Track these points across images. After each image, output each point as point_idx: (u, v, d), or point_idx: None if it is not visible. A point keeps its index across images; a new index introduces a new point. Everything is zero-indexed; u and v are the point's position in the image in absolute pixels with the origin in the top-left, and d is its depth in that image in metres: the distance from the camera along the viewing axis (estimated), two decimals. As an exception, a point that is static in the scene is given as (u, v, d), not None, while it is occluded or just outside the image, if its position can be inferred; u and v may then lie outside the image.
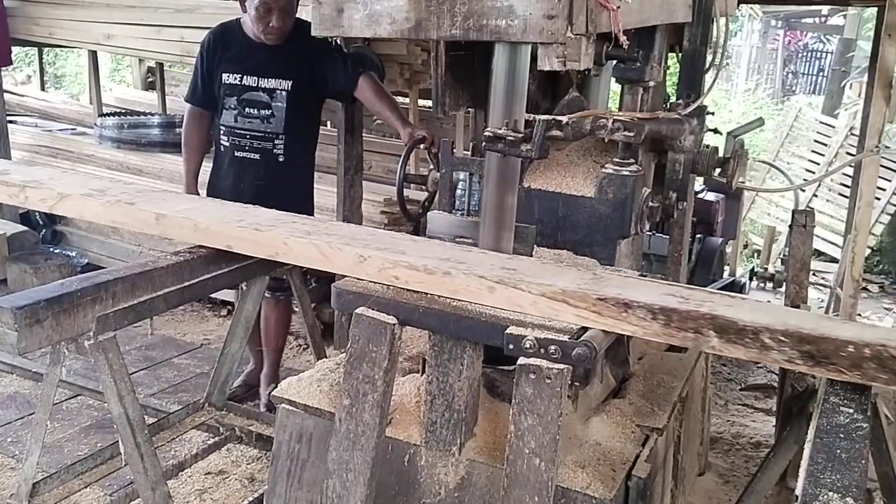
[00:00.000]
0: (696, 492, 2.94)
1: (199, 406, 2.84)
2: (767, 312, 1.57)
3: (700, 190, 4.96)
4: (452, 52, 2.25)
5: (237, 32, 3.35)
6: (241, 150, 3.36)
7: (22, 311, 1.83)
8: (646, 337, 1.59)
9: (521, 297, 1.66)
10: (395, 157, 4.56)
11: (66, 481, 2.44)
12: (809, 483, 1.26)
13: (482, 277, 1.68)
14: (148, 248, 4.97)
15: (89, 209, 2.19)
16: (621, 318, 1.59)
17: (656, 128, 2.12)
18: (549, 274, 1.74)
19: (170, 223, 2.09)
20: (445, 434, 1.81)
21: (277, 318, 3.65)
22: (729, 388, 4.31)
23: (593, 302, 1.60)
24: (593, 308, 1.60)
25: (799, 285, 2.94)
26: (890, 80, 2.86)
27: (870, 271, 6.95)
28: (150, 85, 8.03)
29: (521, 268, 1.77)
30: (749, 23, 14.94)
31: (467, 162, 2.55)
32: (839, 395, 1.54)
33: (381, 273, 1.78)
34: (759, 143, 9.50)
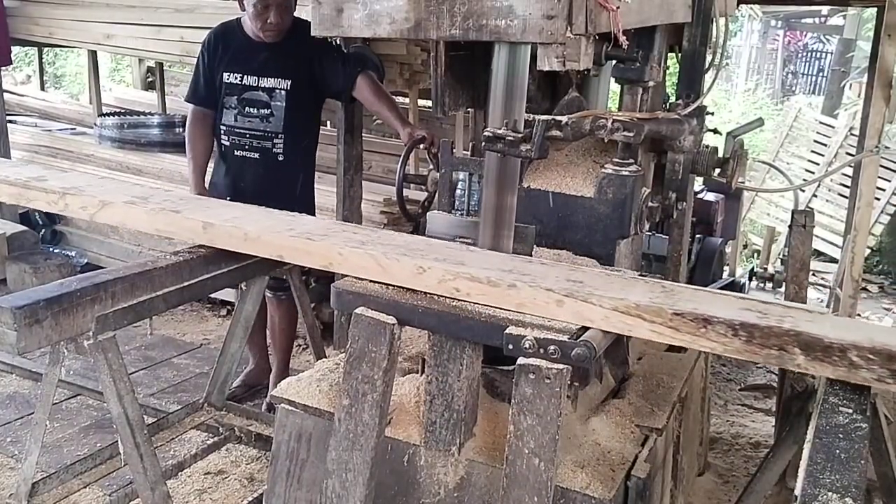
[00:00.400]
0: (695, 492, 2.94)
1: (198, 406, 2.84)
2: (850, 328, 1.53)
3: (700, 190, 4.96)
4: (452, 52, 2.25)
5: (237, 32, 3.36)
6: (241, 149, 3.37)
7: (21, 310, 1.83)
8: (725, 354, 1.54)
9: (591, 311, 1.60)
10: (395, 157, 4.56)
11: (66, 481, 2.44)
12: (809, 483, 1.26)
13: (550, 290, 1.63)
14: (147, 248, 4.97)
15: (133, 217, 2.15)
16: (699, 335, 1.53)
17: (656, 128, 2.12)
18: (617, 286, 1.68)
19: (218, 232, 2.03)
20: (445, 434, 1.81)
21: (282, 318, 3.65)
22: (728, 389, 4.31)
23: (669, 317, 1.55)
24: (670, 323, 1.55)
25: (798, 285, 2.94)
26: (889, 80, 2.87)
27: (869, 271, 6.95)
28: (149, 85, 8.03)
29: (588, 280, 1.72)
30: (749, 23, 14.94)
31: (467, 162, 2.55)
32: (838, 395, 1.54)
33: (440, 285, 1.73)
34: (759, 144, 9.50)
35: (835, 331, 1.48)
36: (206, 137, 3.47)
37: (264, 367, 3.88)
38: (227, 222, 2.04)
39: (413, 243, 1.94)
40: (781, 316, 1.55)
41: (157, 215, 2.11)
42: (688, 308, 1.55)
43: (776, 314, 1.56)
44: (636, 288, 1.69)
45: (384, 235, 2.02)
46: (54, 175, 2.46)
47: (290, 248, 1.93)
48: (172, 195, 2.34)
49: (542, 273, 1.75)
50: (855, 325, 1.67)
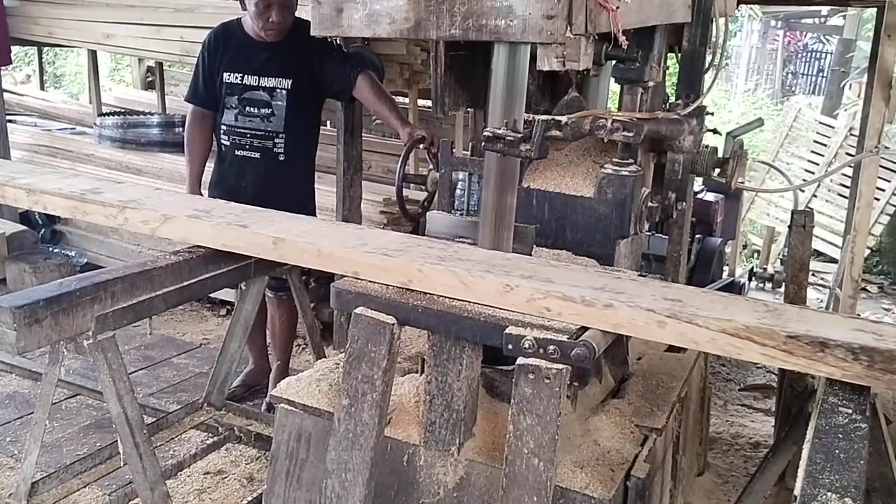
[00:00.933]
0: (695, 492, 2.94)
1: (197, 406, 2.84)
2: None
3: (699, 190, 4.96)
4: (452, 52, 2.25)
5: (238, 32, 3.36)
6: (242, 149, 3.37)
7: (21, 310, 1.83)
8: (843, 379, 1.48)
9: (696, 332, 1.53)
10: (395, 156, 4.56)
11: (65, 481, 2.44)
12: (808, 483, 1.26)
13: (650, 311, 1.56)
14: (147, 247, 4.97)
15: (198, 232, 2.08)
16: (816, 359, 1.47)
17: (655, 128, 2.12)
18: (719, 306, 1.61)
19: (289, 248, 1.95)
20: (444, 434, 1.81)
21: (282, 318, 3.66)
22: (728, 389, 4.31)
23: (783, 340, 1.48)
24: (783, 347, 1.48)
25: (798, 286, 2.94)
26: (889, 80, 2.87)
27: (869, 272, 6.95)
28: (149, 84, 8.03)
29: (686, 298, 1.65)
30: (748, 23, 14.94)
31: (467, 162, 2.55)
32: (838, 395, 1.54)
33: (529, 304, 1.66)
34: (759, 144, 9.50)
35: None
36: (205, 138, 3.47)
37: (264, 366, 3.88)
38: (298, 237, 1.95)
39: (493, 258, 1.86)
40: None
41: (223, 230, 2.04)
42: (801, 330, 1.49)
43: (891, 335, 1.49)
44: (739, 307, 1.61)
45: (460, 250, 1.93)
46: (108, 187, 2.39)
47: (366, 264, 1.84)
48: (234, 207, 2.27)
49: (636, 290, 1.68)
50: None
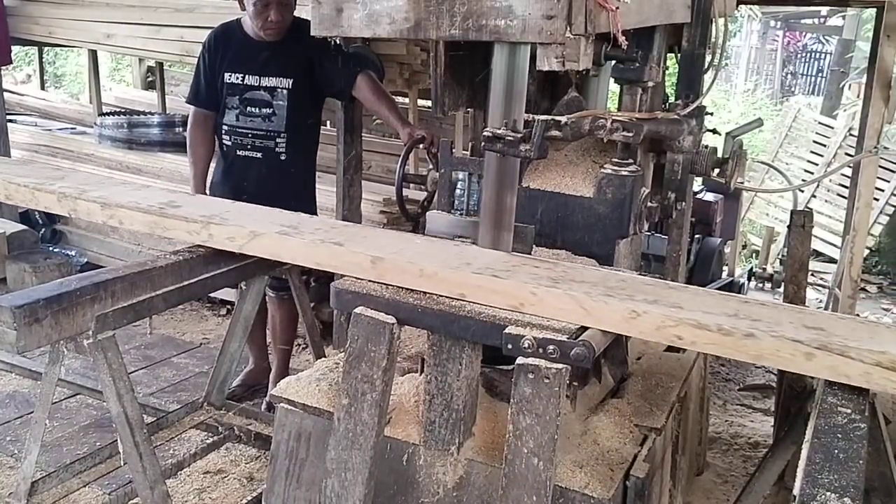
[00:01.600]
0: (694, 491, 2.95)
1: (197, 405, 2.84)
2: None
3: (699, 190, 4.96)
4: (452, 52, 2.26)
5: (238, 32, 3.37)
6: (244, 148, 3.38)
7: (21, 309, 1.84)
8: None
9: (848, 366, 1.47)
10: (395, 156, 4.56)
11: (65, 480, 2.44)
12: (807, 483, 1.26)
13: (797, 342, 1.49)
14: (147, 247, 4.98)
15: (289, 250, 1.98)
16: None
17: (655, 128, 2.12)
18: (866, 334, 1.54)
19: (389, 268, 1.83)
20: (444, 433, 1.82)
21: (283, 317, 3.66)
22: (727, 389, 4.31)
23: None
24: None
25: (797, 286, 2.94)
26: (889, 80, 2.87)
27: (868, 272, 6.96)
28: (149, 84, 8.03)
29: (828, 325, 1.57)
30: (748, 23, 14.94)
31: (466, 162, 2.55)
32: (837, 395, 1.54)
33: (658, 331, 1.59)
34: (758, 144, 9.50)
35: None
36: (207, 139, 3.47)
37: (264, 366, 3.89)
38: (397, 255, 1.85)
39: (607, 279, 1.78)
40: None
41: (317, 248, 1.93)
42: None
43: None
44: (885, 336, 1.53)
45: (571, 270, 1.84)
46: (185, 199, 2.33)
47: (474, 286, 1.74)
48: (323, 222, 2.17)
49: (773, 317, 1.60)
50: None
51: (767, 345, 1.50)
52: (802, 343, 1.49)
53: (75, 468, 2.49)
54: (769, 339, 1.50)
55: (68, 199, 2.23)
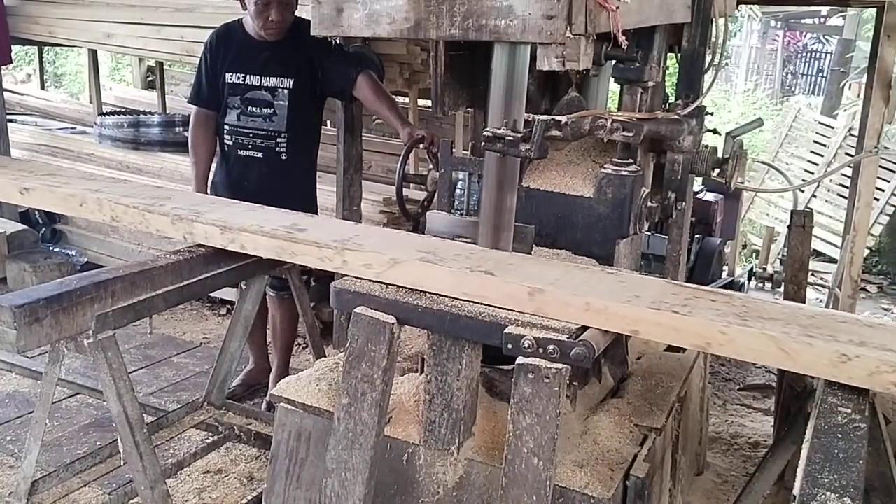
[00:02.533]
0: (694, 491, 2.95)
1: (198, 405, 2.84)
2: None
3: (699, 190, 4.97)
4: (452, 51, 2.26)
5: (239, 32, 3.37)
6: (245, 148, 3.39)
7: (21, 309, 1.84)
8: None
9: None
10: (395, 156, 4.56)
11: (65, 480, 2.44)
12: (807, 483, 1.26)
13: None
14: (147, 246, 4.98)
15: (434, 279, 1.81)
16: None
17: (655, 128, 2.12)
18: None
19: (549, 300, 1.69)
20: (444, 433, 1.82)
21: (284, 317, 3.66)
22: (727, 388, 4.31)
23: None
24: None
25: (797, 286, 2.94)
26: (889, 80, 2.87)
27: (868, 272, 6.96)
28: (149, 84, 8.03)
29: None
30: (748, 23, 14.94)
31: (466, 162, 2.55)
32: (837, 395, 1.54)
33: (872, 377, 1.48)
34: (758, 144, 9.50)
35: None
36: (209, 139, 3.48)
37: (264, 366, 3.89)
38: (558, 287, 1.71)
39: (796, 315, 1.65)
40: None
41: (466, 278, 1.77)
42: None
43: None
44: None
45: (753, 304, 1.71)
46: (307, 221, 2.18)
47: (651, 322, 1.62)
48: (461, 247, 2.00)
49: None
50: None
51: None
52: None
53: (75, 468, 2.49)
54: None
55: (184, 222, 2.10)
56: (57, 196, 2.32)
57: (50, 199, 2.35)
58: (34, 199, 2.39)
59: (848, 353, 1.48)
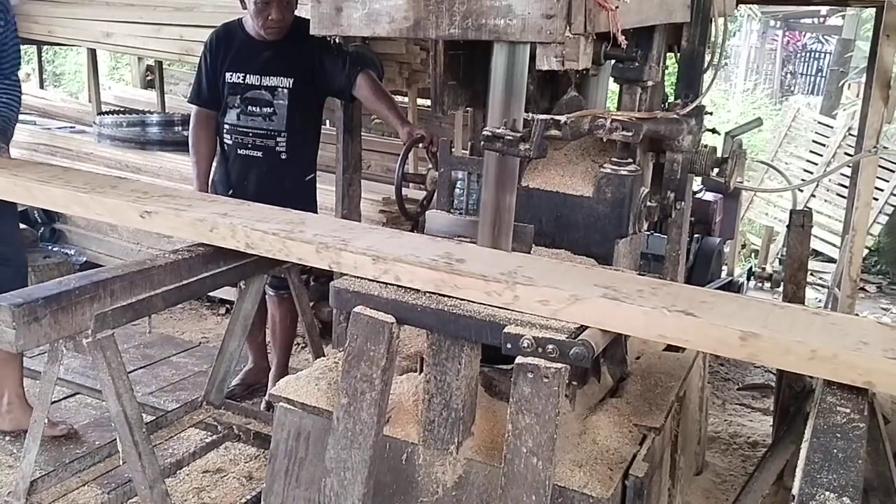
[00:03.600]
0: (693, 491, 2.95)
1: (197, 404, 2.84)
2: None
3: (698, 190, 4.97)
4: (451, 51, 2.25)
5: (239, 32, 3.38)
6: (244, 147, 3.39)
7: (20, 308, 1.84)
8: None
9: None
10: (394, 156, 4.56)
11: (64, 479, 2.44)
12: (806, 482, 1.27)
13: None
14: (146, 246, 4.97)
15: (624, 319, 1.66)
16: None
17: (654, 127, 2.12)
18: None
19: (766, 346, 1.55)
20: (443, 433, 1.82)
21: (283, 316, 3.66)
22: (726, 388, 4.32)
23: None
24: None
25: (796, 285, 2.94)
26: (888, 80, 2.87)
27: (867, 271, 6.96)
28: (149, 83, 8.03)
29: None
30: (748, 23, 14.95)
31: (466, 161, 2.55)
32: (836, 395, 1.54)
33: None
34: (758, 144, 9.50)
35: None
36: (209, 138, 3.48)
37: (263, 365, 3.89)
38: (774, 331, 1.56)
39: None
40: None
41: (663, 319, 1.61)
42: None
43: None
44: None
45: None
46: (462, 250, 1.96)
47: (891, 373, 1.48)
48: (640, 281, 1.86)
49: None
50: None
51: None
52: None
53: (74, 467, 2.49)
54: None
55: (330, 251, 1.93)
56: (183, 221, 2.18)
57: (175, 223, 2.20)
58: (157, 224, 2.24)
59: None
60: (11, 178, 2.48)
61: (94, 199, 2.31)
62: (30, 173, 2.54)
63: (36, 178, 2.46)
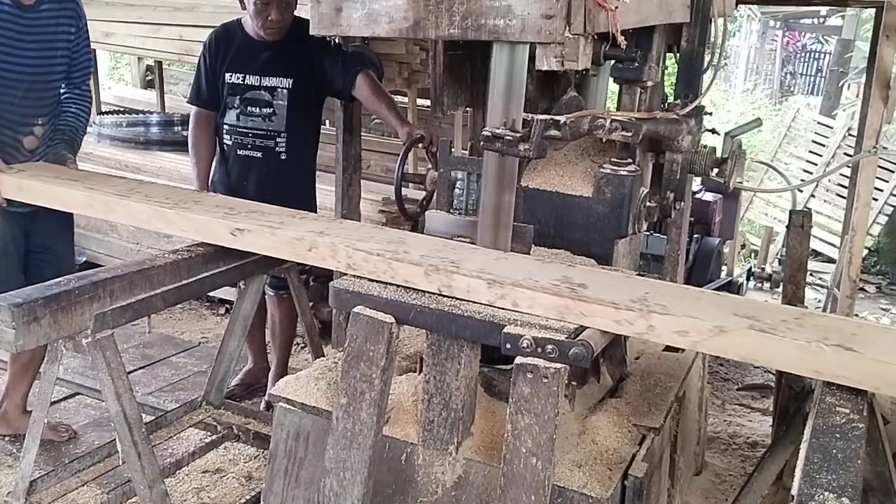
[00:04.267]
0: (692, 491, 2.95)
1: (196, 404, 2.84)
2: None
3: (698, 190, 4.97)
4: (451, 51, 2.26)
5: (238, 32, 3.37)
6: (244, 148, 3.38)
7: (20, 308, 1.84)
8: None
9: None
10: (394, 156, 4.56)
11: (64, 479, 2.44)
12: (805, 483, 1.27)
13: None
14: (146, 246, 4.97)
15: (774, 352, 1.57)
16: None
17: (654, 128, 2.12)
18: None
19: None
20: (443, 433, 1.82)
21: (283, 316, 3.66)
22: (726, 388, 4.31)
23: None
24: None
25: (796, 286, 2.94)
26: (887, 80, 2.87)
27: (867, 272, 6.96)
28: (148, 83, 8.03)
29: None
30: (747, 23, 14.95)
31: (465, 161, 2.55)
32: (835, 395, 1.54)
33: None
34: (757, 144, 9.51)
35: None
36: (209, 139, 3.48)
37: (263, 365, 3.89)
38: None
39: None
40: None
41: (822, 354, 1.53)
42: None
43: None
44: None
45: None
46: (586, 276, 1.86)
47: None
48: (782, 310, 1.76)
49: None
50: None
51: None
52: None
53: (74, 467, 2.49)
54: None
55: (440, 274, 1.81)
56: (279, 239, 2.08)
57: (270, 242, 2.10)
58: (249, 242, 2.15)
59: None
60: (88, 191, 2.38)
61: (181, 216, 2.24)
62: (105, 186, 2.45)
63: (114, 193, 2.37)
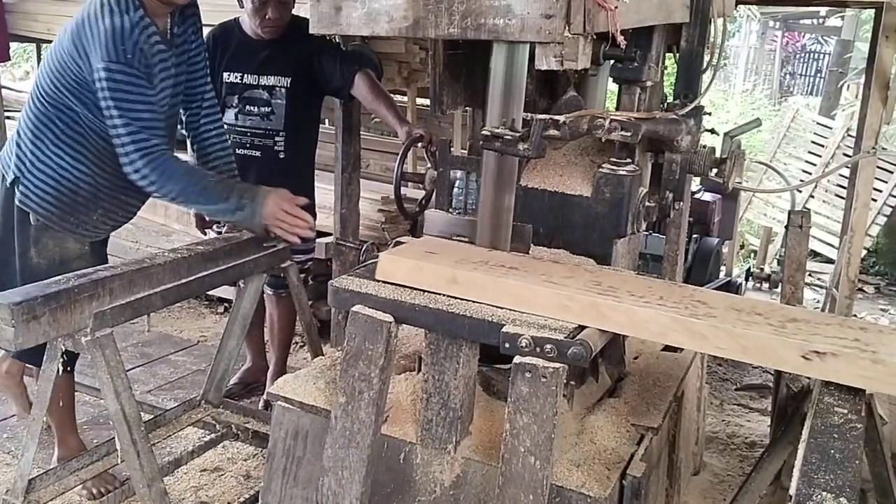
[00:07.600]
0: (690, 491, 2.95)
1: (195, 403, 2.84)
2: None
3: (697, 190, 4.97)
4: (450, 50, 2.26)
5: (236, 31, 3.37)
6: (243, 147, 3.38)
7: (19, 306, 1.84)
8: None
9: None
10: (393, 155, 4.55)
11: (62, 478, 2.44)
12: (803, 483, 1.27)
13: None
14: (145, 245, 4.97)
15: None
16: None
17: (653, 128, 2.12)
18: None
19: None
20: (441, 432, 1.82)
21: (282, 315, 3.66)
22: (724, 388, 4.32)
23: None
24: None
25: (795, 286, 2.94)
26: (887, 81, 2.87)
27: (866, 272, 6.96)
28: (147, 82, 8.01)
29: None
30: (747, 24, 14.96)
31: (465, 161, 2.55)
32: (834, 395, 1.54)
33: None
34: (756, 144, 9.50)
35: None
36: None
37: (261, 364, 3.89)
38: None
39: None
40: None
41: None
42: None
43: None
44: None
45: None
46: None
47: None
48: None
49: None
50: None
51: None
52: None
53: (72, 465, 2.49)
54: None
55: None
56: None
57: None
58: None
59: None
60: (556, 288, 1.69)
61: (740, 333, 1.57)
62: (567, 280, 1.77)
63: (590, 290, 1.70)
